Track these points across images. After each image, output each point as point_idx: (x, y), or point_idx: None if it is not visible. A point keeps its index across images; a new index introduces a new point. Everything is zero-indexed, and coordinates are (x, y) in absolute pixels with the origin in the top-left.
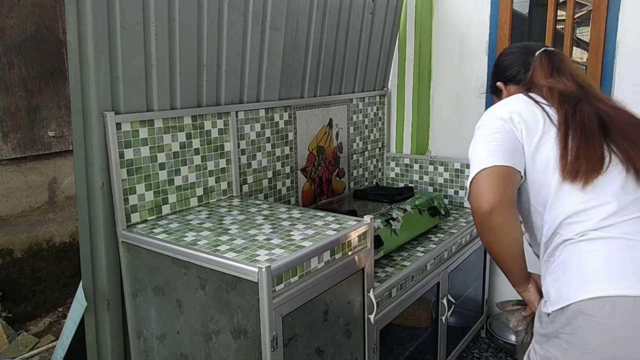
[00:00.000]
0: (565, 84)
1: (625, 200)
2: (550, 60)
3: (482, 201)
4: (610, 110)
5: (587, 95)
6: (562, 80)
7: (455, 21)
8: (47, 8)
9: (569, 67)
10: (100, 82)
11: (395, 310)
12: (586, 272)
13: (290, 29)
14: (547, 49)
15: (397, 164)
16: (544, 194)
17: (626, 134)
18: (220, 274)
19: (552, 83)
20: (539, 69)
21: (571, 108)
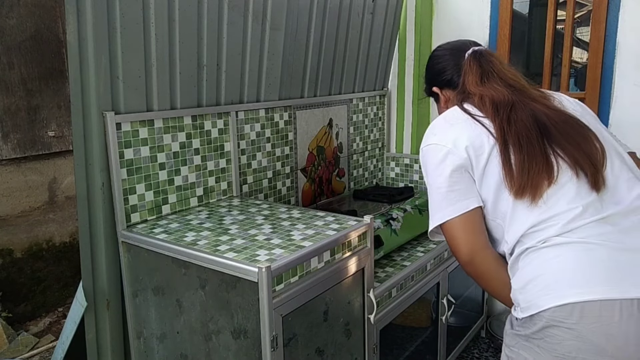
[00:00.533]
0: (496, 89)
1: (582, 204)
2: (478, 63)
3: (460, 254)
4: (547, 110)
5: (521, 97)
6: (493, 85)
7: (455, 21)
8: (47, 8)
9: (498, 69)
10: (100, 82)
11: (395, 310)
12: (552, 279)
13: (290, 29)
14: (475, 49)
15: (397, 164)
16: (501, 209)
17: (569, 136)
18: (220, 274)
19: (483, 90)
20: (469, 74)
21: (505, 117)
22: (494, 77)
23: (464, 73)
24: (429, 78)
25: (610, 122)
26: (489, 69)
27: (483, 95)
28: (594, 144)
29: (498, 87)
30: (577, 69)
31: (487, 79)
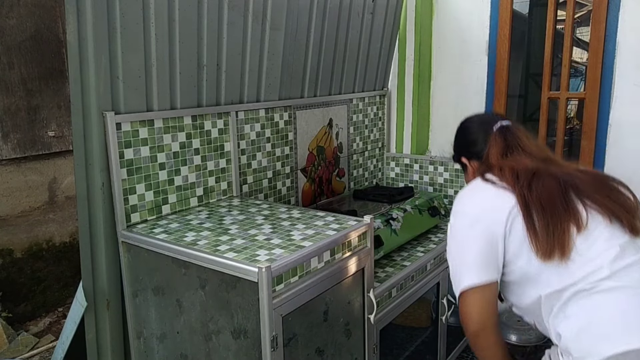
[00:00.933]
0: (517, 160)
1: (619, 243)
2: (504, 137)
3: (470, 324)
4: (574, 171)
5: (546, 166)
6: (515, 157)
7: (455, 21)
8: (47, 8)
9: (523, 143)
10: (100, 82)
11: (395, 310)
12: (609, 325)
13: (290, 29)
14: (502, 124)
15: (397, 164)
16: (527, 270)
17: (598, 188)
18: (220, 274)
19: (503, 163)
20: (493, 147)
21: (526, 184)
22: (517, 151)
23: (489, 146)
24: (458, 148)
25: (610, 122)
26: (513, 143)
27: (503, 166)
28: (626, 193)
29: (520, 159)
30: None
31: (511, 152)
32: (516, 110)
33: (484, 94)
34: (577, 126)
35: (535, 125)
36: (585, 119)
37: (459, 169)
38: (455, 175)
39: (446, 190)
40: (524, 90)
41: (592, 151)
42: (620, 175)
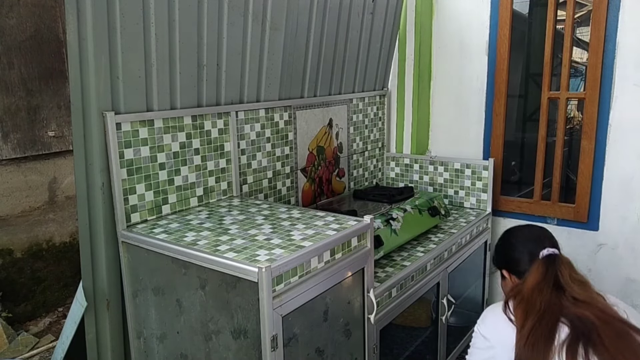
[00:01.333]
0: (543, 295)
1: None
2: (545, 270)
3: None
4: (596, 319)
5: (573, 305)
6: (544, 292)
7: (455, 21)
8: (47, 8)
9: (565, 281)
10: (100, 82)
11: (395, 310)
12: None
13: (290, 29)
14: (550, 253)
15: (397, 164)
16: None
17: (615, 347)
18: (220, 274)
19: (527, 294)
20: (531, 276)
21: (526, 332)
22: (550, 288)
23: (529, 273)
24: (501, 260)
25: (610, 122)
26: (551, 279)
27: (520, 302)
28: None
29: (544, 298)
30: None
31: (544, 287)
32: (516, 110)
33: (484, 94)
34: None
35: (535, 125)
36: (585, 119)
37: (459, 169)
38: (455, 175)
39: (446, 190)
40: (524, 90)
41: (592, 151)
42: (620, 175)
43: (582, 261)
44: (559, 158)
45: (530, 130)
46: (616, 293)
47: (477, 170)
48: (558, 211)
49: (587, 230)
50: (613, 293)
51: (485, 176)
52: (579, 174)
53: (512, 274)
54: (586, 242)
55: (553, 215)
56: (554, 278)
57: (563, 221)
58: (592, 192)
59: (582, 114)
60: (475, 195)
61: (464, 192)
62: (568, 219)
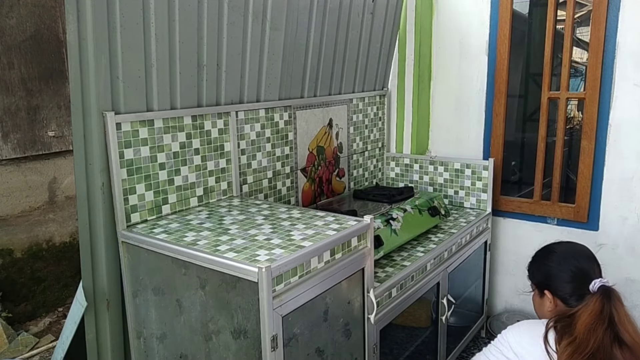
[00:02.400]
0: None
1: None
2: (602, 307)
3: None
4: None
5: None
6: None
7: (455, 21)
8: (47, 8)
9: (621, 320)
10: (100, 82)
11: (395, 310)
12: None
13: (290, 29)
14: (604, 286)
15: (397, 164)
16: None
17: None
18: (220, 274)
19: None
20: (586, 312)
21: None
22: (604, 327)
23: (583, 307)
24: (542, 278)
25: (610, 122)
26: (607, 317)
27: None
28: None
29: (597, 338)
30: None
31: (597, 326)
32: (516, 110)
33: (484, 94)
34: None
35: (535, 125)
36: (585, 119)
37: (459, 169)
38: (455, 175)
39: (446, 190)
40: (524, 90)
41: (592, 151)
42: (620, 175)
43: None
44: (559, 158)
45: (530, 130)
46: None
47: (477, 170)
48: (558, 211)
49: (587, 230)
50: None
51: (485, 176)
52: (579, 174)
53: (554, 295)
54: (586, 242)
55: (553, 215)
56: (609, 316)
57: (563, 221)
58: (592, 192)
59: (582, 114)
60: (475, 195)
61: (464, 192)
62: (568, 219)
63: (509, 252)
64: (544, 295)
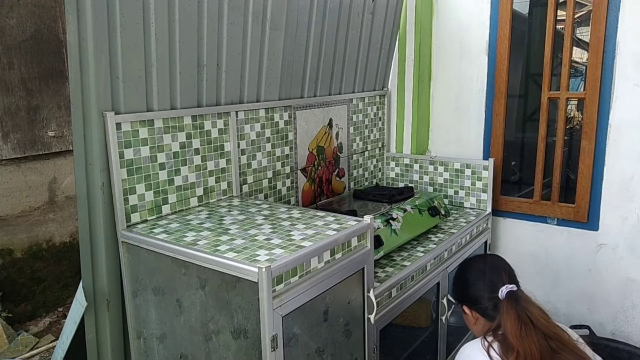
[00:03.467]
0: (533, 343)
1: None
2: (516, 311)
3: None
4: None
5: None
6: (532, 339)
7: (455, 21)
8: (47, 8)
9: (536, 318)
10: (100, 82)
11: (395, 310)
12: None
13: (290, 29)
14: (510, 290)
15: (397, 164)
16: None
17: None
18: (220, 274)
19: (522, 346)
20: (508, 320)
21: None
22: (529, 327)
23: (502, 316)
24: (461, 295)
25: (610, 122)
26: (525, 318)
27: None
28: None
29: (534, 342)
30: None
31: (526, 330)
32: (516, 110)
33: (484, 94)
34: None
35: (535, 125)
36: (585, 119)
37: (459, 169)
38: (455, 175)
39: (446, 190)
40: (524, 90)
41: (592, 151)
42: (620, 175)
43: (582, 261)
44: (559, 158)
45: (530, 130)
46: (616, 293)
47: (477, 170)
48: (558, 211)
49: (587, 230)
50: (613, 293)
51: (485, 176)
52: (579, 174)
53: (474, 310)
54: (586, 242)
55: (553, 215)
56: (528, 318)
57: (563, 221)
58: (592, 192)
59: (582, 114)
60: (475, 195)
61: (464, 192)
62: (568, 219)
63: (509, 252)
64: (467, 312)
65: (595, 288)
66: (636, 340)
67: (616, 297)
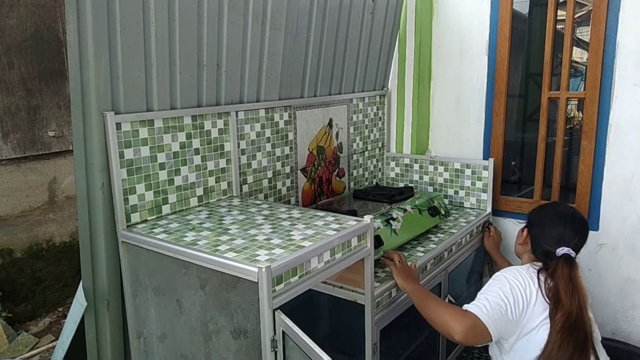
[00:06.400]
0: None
1: None
2: (568, 274)
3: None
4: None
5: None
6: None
7: (455, 21)
8: (47, 8)
9: (579, 285)
10: (100, 82)
11: (395, 310)
12: None
13: (290, 29)
14: (567, 253)
15: (397, 164)
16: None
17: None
18: (220, 274)
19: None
20: (561, 279)
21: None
22: (575, 291)
23: (556, 273)
24: (531, 221)
25: (610, 122)
26: (574, 281)
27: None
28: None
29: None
30: None
31: (572, 291)
32: (516, 110)
33: (484, 94)
34: (577, 126)
35: (535, 125)
36: (585, 119)
37: (459, 169)
38: (455, 175)
39: (446, 190)
40: (524, 90)
41: (592, 151)
42: (620, 175)
43: (582, 261)
44: (559, 158)
45: (530, 130)
46: (616, 293)
47: (477, 170)
48: None
49: None
50: (613, 293)
51: (485, 176)
52: (579, 174)
53: (529, 235)
54: (586, 242)
55: None
56: (575, 281)
57: None
58: (592, 192)
59: (582, 114)
60: (475, 195)
61: (464, 192)
62: None
63: (509, 252)
64: (524, 231)
65: (596, 288)
66: (636, 340)
67: (616, 297)
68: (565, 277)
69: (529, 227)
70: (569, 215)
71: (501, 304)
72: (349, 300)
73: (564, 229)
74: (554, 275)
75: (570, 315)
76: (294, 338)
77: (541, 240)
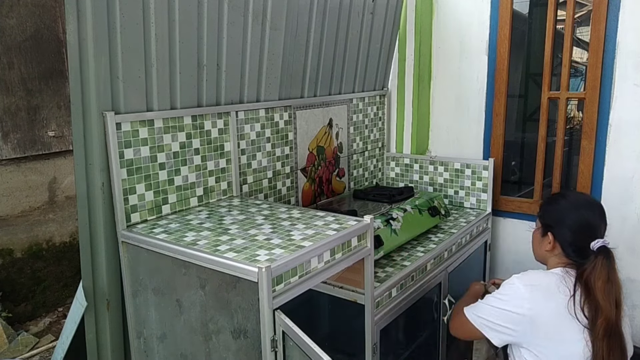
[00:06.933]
0: (610, 305)
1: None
2: (607, 269)
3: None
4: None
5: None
6: (610, 297)
7: (455, 21)
8: (47, 8)
9: (615, 279)
10: (100, 82)
11: (395, 310)
12: None
13: (290, 29)
14: (606, 246)
15: (397, 164)
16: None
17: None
18: (220, 274)
19: (607, 307)
20: (598, 278)
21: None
22: (611, 287)
23: (593, 268)
24: (550, 222)
25: (610, 122)
26: (611, 277)
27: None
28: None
29: (612, 303)
30: None
31: (609, 290)
32: (516, 110)
33: (484, 94)
34: (577, 126)
35: (535, 125)
36: (585, 119)
37: (459, 169)
38: (455, 175)
39: (446, 190)
40: (524, 90)
41: (592, 151)
42: (620, 175)
43: None
44: (559, 158)
45: (530, 130)
46: None
47: (477, 170)
48: None
49: None
50: None
51: (485, 176)
52: (579, 174)
53: (555, 238)
54: None
55: None
56: (612, 277)
57: None
58: (592, 193)
59: (582, 114)
60: (475, 195)
61: (464, 192)
62: None
63: (509, 252)
64: (546, 236)
65: None
66: (636, 340)
67: None
68: (604, 276)
69: (549, 229)
70: (584, 202)
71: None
72: (349, 300)
73: (587, 219)
74: (591, 277)
75: (610, 320)
76: (294, 338)
77: (570, 239)
